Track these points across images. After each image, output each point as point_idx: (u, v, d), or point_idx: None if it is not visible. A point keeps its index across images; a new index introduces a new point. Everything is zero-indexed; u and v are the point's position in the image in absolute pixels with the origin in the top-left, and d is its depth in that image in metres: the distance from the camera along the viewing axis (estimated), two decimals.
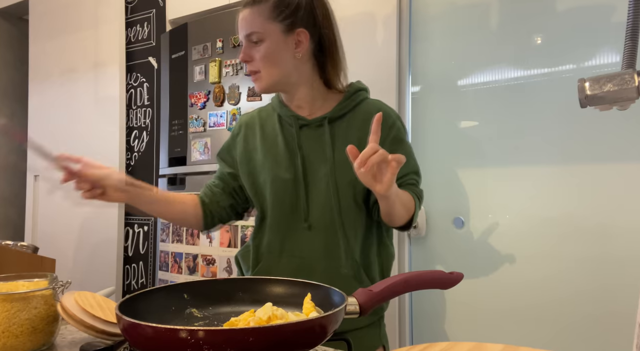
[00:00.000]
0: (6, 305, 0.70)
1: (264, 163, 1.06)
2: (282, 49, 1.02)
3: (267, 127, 1.10)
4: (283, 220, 1.05)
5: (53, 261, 1.03)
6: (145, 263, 2.61)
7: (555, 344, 1.44)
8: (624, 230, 1.36)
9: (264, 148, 1.08)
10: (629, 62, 0.74)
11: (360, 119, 1.05)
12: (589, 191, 1.41)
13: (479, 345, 0.55)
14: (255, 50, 1.02)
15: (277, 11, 1.01)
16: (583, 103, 0.77)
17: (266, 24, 1.00)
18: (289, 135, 1.07)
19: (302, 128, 1.06)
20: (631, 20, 0.74)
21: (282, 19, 1.01)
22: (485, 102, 1.59)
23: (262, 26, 1.00)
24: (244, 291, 0.74)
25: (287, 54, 1.02)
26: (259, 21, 1.01)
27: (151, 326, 0.51)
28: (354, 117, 1.05)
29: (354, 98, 1.07)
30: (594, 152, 1.40)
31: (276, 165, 1.05)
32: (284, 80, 1.04)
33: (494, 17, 1.59)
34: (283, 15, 1.01)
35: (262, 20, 1.00)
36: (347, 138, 1.03)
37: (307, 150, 1.05)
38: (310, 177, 1.04)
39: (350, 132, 1.04)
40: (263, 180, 1.07)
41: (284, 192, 1.04)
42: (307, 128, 1.06)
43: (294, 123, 1.06)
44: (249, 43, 1.02)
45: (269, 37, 1.01)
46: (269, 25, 1.01)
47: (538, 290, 1.47)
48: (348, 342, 0.68)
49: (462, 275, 0.75)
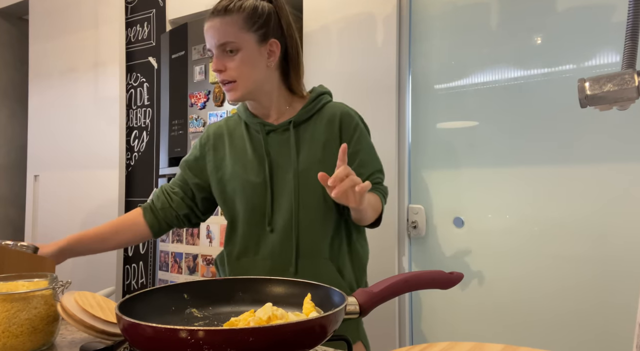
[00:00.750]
0: (6, 305, 0.70)
1: (234, 170, 1.09)
2: (257, 59, 1.04)
3: (236, 136, 1.13)
4: (253, 224, 1.08)
5: (53, 261, 1.03)
6: (145, 263, 2.61)
7: (556, 344, 1.44)
8: (625, 230, 1.36)
9: (233, 156, 1.10)
10: (629, 62, 0.74)
11: (324, 121, 1.08)
12: (589, 191, 1.41)
13: (479, 345, 0.55)
14: (229, 60, 1.02)
15: (251, 22, 1.02)
16: (583, 103, 0.77)
17: (240, 34, 1.01)
18: (256, 141, 1.09)
19: (269, 133, 1.09)
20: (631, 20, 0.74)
21: (256, 30, 1.03)
22: (485, 102, 1.59)
23: (237, 36, 1.01)
24: (244, 291, 0.74)
25: (261, 64, 1.05)
26: (233, 31, 1.01)
27: (151, 326, 0.51)
28: (319, 120, 1.08)
29: (317, 101, 1.10)
30: (594, 152, 1.40)
31: (245, 172, 1.08)
32: (257, 89, 1.06)
33: (494, 17, 1.58)
34: (256, 26, 1.03)
35: (236, 30, 1.01)
36: (313, 140, 1.07)
37: (275, 155, 1.07)
38: (277, 181, 1.06)
39: (315, 133, 1.07)
40: (232, 188, 1.09)
41: (253, 196, 1.07)
42: (274, 134, 1.08)
43: (261, 129, 1.08)
44: (222, 52, 1.02)
45: (244, 47, 1.02)
46: (243, 35, 1.01)
47: (538, 290, 1.47)
48: (348, 342, 0.68)
49: (462, 275, 0.75)
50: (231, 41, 1.01)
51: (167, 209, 1.15)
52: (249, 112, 1.12)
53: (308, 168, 1.05)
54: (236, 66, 1.02)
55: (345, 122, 1.09)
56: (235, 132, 1.14)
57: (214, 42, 1.02)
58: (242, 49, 1.02)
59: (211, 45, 1.03)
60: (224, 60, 1.03)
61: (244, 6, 1.03)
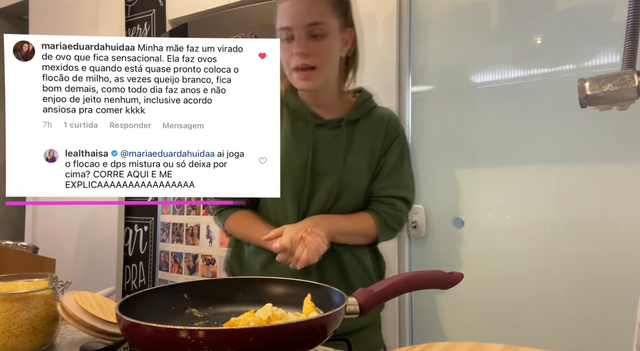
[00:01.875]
0: (6, 305, 0.70)
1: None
2: (337, 48, 0.97)
3: None
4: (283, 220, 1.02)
5: (53, 261, 1.03)
6: (145, 263, 2.61)
7: (556, 344, 1.44)
8: (624, 230, 1.35)
9: None
10: (629, 62, 0.74)
11: (373, 124, 1.03)
12: (589, 191, 1.41)
13: (479, 345, 0.55)
14: (314, 44, 0.93)
15: (337, 5, 0.94)
16: (583, 103, 0.77)
17: (329, 17, 0.93)
18: (301, 131, 1.01)
19: (317, 127, 1.01)
20: (631, 20, 0.74)
21: (340, 15, 0.95)
22: (485, 102, 1.59)
23: (327, 19, 0.92)
24: (244, 291, 0.74)
25: (338, 53, 0.98)
26: (324, 12, 0.92)
27: (151, 326, 0.51)
28: (367, 122, 1.03)
29: (367, 104, 1.05)
30: (594, 152, 1.40)
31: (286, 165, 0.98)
32: (330, 80, 1.00)
33: (494, 17, 1.58)
34: (340, 11, 0.95)
35: (326, 12, 0.92)
36: (362, 142, 1.01)
37: (319, 151, 1.00)
38: (318, 178, 1.00)
39: (365, 136, 1.02)
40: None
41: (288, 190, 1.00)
42: (322, 128, 1.01)
43: (311, 120, 1.00)
44: (306, 34, 0.92)
45: (331, 32, 0.94)
46: (331, 19, 0.94)
47: (538, 289, 1.47)
48: (348, 342, 0.68)
49: (462, 275, 0.75)
50: (322, 23, 0.92)
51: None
52: (300, 100, 1.03)
53: (352, 171, 0.99)
54: (321, 52, 0.93)
55: (391, 127, 1.04)
56: None
57: (301, 22, 0.91)
58: (329, 34, 0.93)
59: (294, 25, 0.92)
60: (308, 44, 0.93)
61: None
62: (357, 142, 1.01)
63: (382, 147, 1.02)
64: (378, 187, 1.03)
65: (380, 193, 1.03)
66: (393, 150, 1.03)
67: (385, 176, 1.03)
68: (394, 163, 1.03)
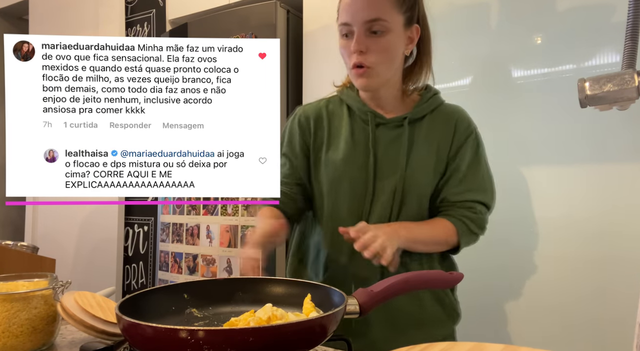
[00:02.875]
0: (6, 305, 0.70)
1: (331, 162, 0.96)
2: (400, 45, 0.91)
3: (334, 122, 0.99)
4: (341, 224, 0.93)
5: (53, 261, 1.03)
6: (145, 263, 2.61)
7: (556, 344, 1.44)
8: (624, 230, 1.35)
9: (332, 144, 0.97)
10: (629, 62, 0.75)
11: (439, 122, 0.97)
12: (589, 191, 1.41)
13: (479, 345, 0.55)
14: (372, 42, 0.87)
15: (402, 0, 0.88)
16: (583, 104, 0.77)
17: (392, 13, 0.87)
18: (361, 132, 0.96)
19: (378, 126, 0.96)
20: (631, 20, 0.74)
21: (405, 11, 0.89)
22: (485, 102, 1.59)
23: (390, 14, 0.87)
24: (244, 291, 0.74)
25: (401, 51, 0.92)
26: (386, 8, 0.86)
27: (151, 326, 0.51)
28: (433, 120, 0.97)
29: (433, 100, 0.98)
30: (594, 152, 1.40)
31: (345, 165, 0.95)
32: (391, 79, 0.94)
33: (494, 17, 1.58)
34: (406, 6, 0.89)
35: (388, 7, 0.87)
36: (427, 142, 0.96)
37: (381, 151, 0.95)
38: (379, 182, 0.94)
39: (430, 135, 0.96)
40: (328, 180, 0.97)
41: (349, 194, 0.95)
42: (384, 127, 0.96)
43: (371, 120, 0.95)
44: (366, 31, 0.87)
45: (393, 29, 0.88)
46: (394, 15, 0.87)
47: (538, 289, 1.47)
48: (348, 342, 0.68)
49: (462, 275, 0.75)
50: (383, 19, 0.86)
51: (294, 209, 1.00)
52: (360, 98, 0.98)
53: (416, 172, 0.93)
54: (381, 50, 0.88)
55: (461, 125, 0.97)
56: (335, 117, 0.99)
57: (361, 17, 0.86)
58: (390, 31, 0.87)
59: (354, 21, 0.87)
60: (367, 41, 0.87)
61: None
62: (421, 142, 0.95)
63: (450, 147, 0.96)
64: (452, 192, 0.97)
65: (456, 199, 0.97)
66: (466, 151, 0.97)
67: (459, 180, 0.96)
68: (469, 164, 0.97)
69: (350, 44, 0.89)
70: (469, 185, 0.97)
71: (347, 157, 0.95)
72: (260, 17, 1.93)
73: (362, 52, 0.88)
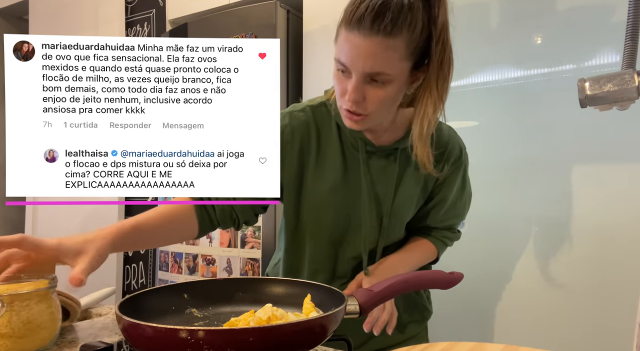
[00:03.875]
0: (7, 306, 0.70)
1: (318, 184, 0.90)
2: (402, 91, 0.81)
3: (323, 137, 0.91)
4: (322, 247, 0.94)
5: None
6: (145, 263, 2.61)
7: (556, 344, 1.44)
8: (624, 230, 1.35)
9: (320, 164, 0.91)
10: (629, 62, 0.75)
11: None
12: (588, 191, 1.41)
13: (479, 345, 0.55)
14: (371, 90, 0.77)
15: (413, 45, 0.76)
16: (583, 104, 0.77)
17: (400, 63, 0.76)
18: (353, 160, 0.90)
19: (368, 155, 0.90)
20: (631, 20, 0.74)
21: (415, 55, 0.78)
22: (484, 102, 1.59)
23: (396, 67, 0.76)
24: (244, 291, 0.74)
25: (403, 93, 0.82)
26: (393, 60, 0.75)
27: (151, 326, 0.51)
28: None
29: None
30: (594, 152, 1.40)
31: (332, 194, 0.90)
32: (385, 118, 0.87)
33: (494, 17, 1.58)
34: (417, 50, 0.77)
35: (396, 59, 0.75)
36: (417, 172, 0.90)
37: (369, 182, 0.90)
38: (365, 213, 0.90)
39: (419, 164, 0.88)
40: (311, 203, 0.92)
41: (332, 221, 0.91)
42: (374, 156, 0.90)
43: (362, 148, 0.89)
44: (365, 78, 0.76)
45: (397, 79, 0.77)
46: (402, 64, 0.76)
47: (538, 289, 1.47)
48: (348, 342, 0.68)
49: (462, 275, 0.75)
50: (387, 73, 0.75)
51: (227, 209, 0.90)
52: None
53: (402, 206, 0.90)
54: (379, 100, 0.78)
55: (451, 157, 0.92)
56: (323, 131, 0.91)
57: (361, 67, 0.75)
58: (393, 82, 0.77)
59: (352, 67, 0.76)
60: (365, 89, 0.77)
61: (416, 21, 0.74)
62: (410, 173, 0.91)
63: (437, 179, 0.92)
64: (437, 219, 0.97)
65: (440, 225, 0.99)
66: (453, 180, 0.93)
67: (445, 210, 0.96)
68: (455, 192, 0.95)
69: (345, 82, 0.79)
70: (454, 213, 0.98)
71: (336, 185, 0.90)
72: (260, 17, 1.93)
73: (357, 102, 0.78)
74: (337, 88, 0.82)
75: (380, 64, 0.75)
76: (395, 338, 0.97)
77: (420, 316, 1.05)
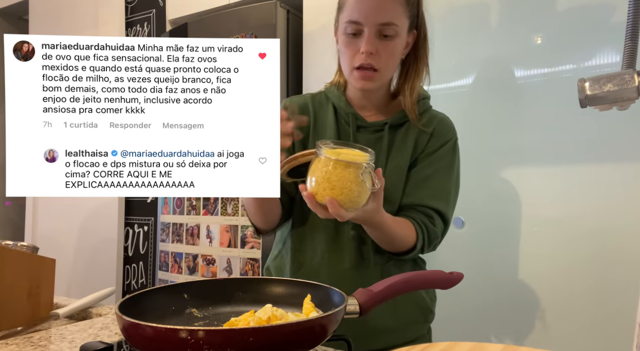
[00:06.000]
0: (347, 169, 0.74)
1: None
2: (402, 50, 0.90)
3: (319, 118, 0.98)
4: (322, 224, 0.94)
5: (53, 261, 1.03)
6: (145, 263, 2.61)
7: (555, 344, 1.44)
8: (624, 230, 1.35)
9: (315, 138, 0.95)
10: (629, 62, 0.74)
11: (418, 129, 0.95)
12: (588, 191, 1.41)
13: (479, 345, 0.55)
14: (382, 45, 0.86)
15: (409, 5, 0.87)
16: (583, 104, 0.77)
17: (402, 18, 0.86)
18: (344, 133, 0.96)
19: (358, 129, 0.96)
20: (631, 20, 0.74)
21: (409, 15, 0.88)
22: (484, 102, 1.59)
23: (400, 19, 0.85)
24: (244, 291, 0.74)
25: (400, 56, 0.92)
26: (398, 13, 0.85)
27: (151, 326, 0.51)
28: (413, 126, 0.95)
29: (419, 105, 0.96)
30: (593, 152, 1.40)
31: None
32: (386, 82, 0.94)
33: (494, 17, 1.58)
34: (411, 11, 0.88)
35: (400, 12, 0.85)
36: (404, 145, 0.94)
37: None
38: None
39: (409, 138, 0.94)
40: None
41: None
42: (364, 131, 0.95)
43: (352, 122, 0.95)
44: (376, 33, 0.85)
45: (400, 34, 0.87)
46: (404, 20, 0.87)
47: (538, 290, 1.47)
48: (348, 342, 0.68)
49: (462, 275, 0.75)
50: (395, 24, 0.84)
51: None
52: (344, 98, 0.97)
53: (393, 178, 0.92)
54: (389, 55, 0.86)
55: (438, 132, 0.95)
56: (320, 114, 0.98)
57: (374, 19, 0.83)
58: (398, 36, 0.86)
59: (366, 21, 0.84)
60: (378, 43, 0.85)
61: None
62: (398, 146, 0.94)
63: (423, 150, 0.95)
64: (417, 195, 0.94)
65: (418, 202, 0.94)
66: (439, 158, 0.95)
67: (425, 183, 0.94)
68: (438, 170, 0.95)
69: (356, 43, 0.86)
70: (434, 192, 0.94)
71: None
72: (260, 17, 1.93)
73: (372, 54, 0.85)
74: (345, 53, 0.89)
75: (390, 14, 0.83)
76: (397, 339, 0.97)
77: (424, 318, 1.05)
